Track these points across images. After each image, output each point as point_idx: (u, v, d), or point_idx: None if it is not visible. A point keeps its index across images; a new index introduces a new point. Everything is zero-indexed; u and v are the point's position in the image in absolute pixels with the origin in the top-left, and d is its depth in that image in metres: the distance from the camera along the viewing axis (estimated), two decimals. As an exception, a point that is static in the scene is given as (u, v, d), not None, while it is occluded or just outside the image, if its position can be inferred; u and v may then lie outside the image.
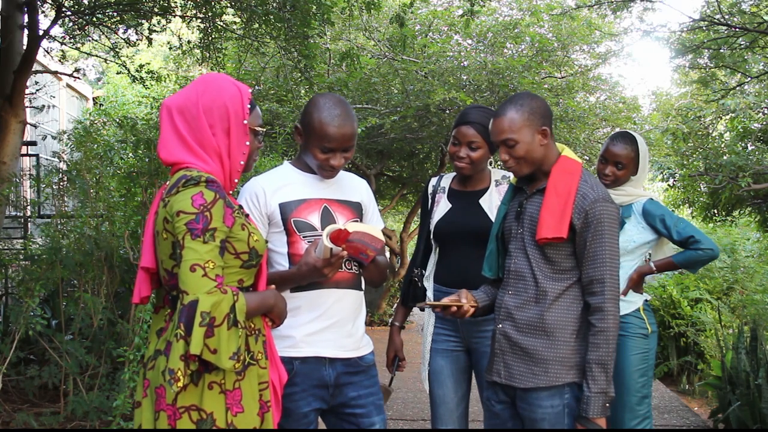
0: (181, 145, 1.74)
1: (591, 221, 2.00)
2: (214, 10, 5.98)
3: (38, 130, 10.12)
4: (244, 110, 1.77)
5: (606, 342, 1.96)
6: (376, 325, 10.31)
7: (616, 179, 2.84)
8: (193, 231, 1.60)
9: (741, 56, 7.02)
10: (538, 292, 2.07)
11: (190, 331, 1.55)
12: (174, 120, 1.74)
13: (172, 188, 1.67)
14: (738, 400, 3.82)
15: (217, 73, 1.87)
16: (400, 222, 15.18)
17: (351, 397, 2.17)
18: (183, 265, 1.59)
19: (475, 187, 2.64)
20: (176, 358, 1.57)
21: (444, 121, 8.04)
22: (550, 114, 2.13)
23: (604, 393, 1.95)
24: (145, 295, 1.80)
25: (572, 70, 9.36)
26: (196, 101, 1.73)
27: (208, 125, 1.73)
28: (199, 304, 1.56)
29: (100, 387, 3.95)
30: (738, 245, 6.79)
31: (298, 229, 2.13)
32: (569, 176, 2.07)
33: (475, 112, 2.56)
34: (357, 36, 8.70)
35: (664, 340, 5.92)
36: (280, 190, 2.16)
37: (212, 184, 1.66)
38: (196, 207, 1.62)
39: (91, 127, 5.08)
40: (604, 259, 1.99)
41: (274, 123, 7.92)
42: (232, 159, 1.77)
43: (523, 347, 2.07)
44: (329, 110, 2.11)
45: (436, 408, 2.66)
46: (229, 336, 1.58)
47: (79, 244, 4.25)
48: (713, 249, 2.77)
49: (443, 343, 2.66)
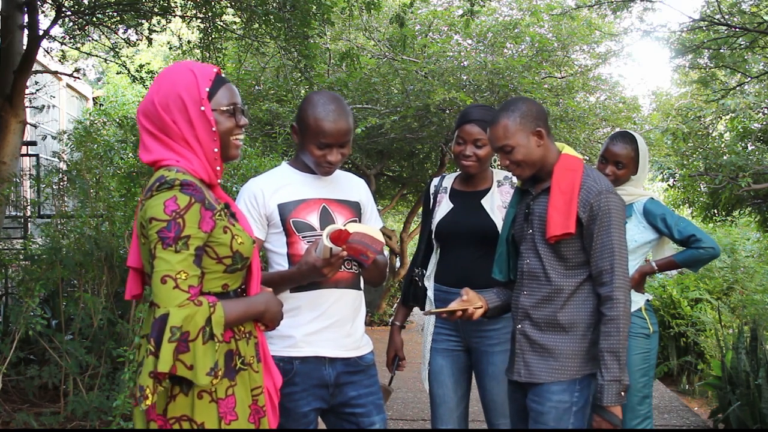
0: (155, 143, 1.67)
1: (597, 213, 2.04)
2: (214, 10, 5.98)
3: (38, 130, 10.12)
4: (200, 96, 1.66)
5: (617, 330, 1.98)
6: (376, 325, 10.31)
7: (617, 179, 2.85)
8: (164, 240, 1.52)
9: (741, 56, 7.02)
10: (552, 290, 2.10)
11: (159, 347, 1.48)
12: (143, 124, 1.69)
13: (149, 190, 1.60)
14: (738, 400, 3.82)
15: (177, 62, 1.80)
16: (400, 222, 15.18)
17: (351, 397, 2.17)
18: (154, 276, 1.52)
19: (477, 187, 2.64)
20: (145, 375, 1.50)
21: (444, 121, 8.04)
22: (543, 115, 2.15)
23: (618, 381, 1.98)
24: (135, 293, 1.77)
25: (572, 70, 9.36)
26: (153, 100, 1.67)
27: (171, 121, 1.65)
28: (169, 318, 1.49)
29: (100, 387, 3.95)
30: (738, 245, 6.79)
31: (297, 229, 2.13)
32: (571, 173, 2.09)
33: (477, 111, 2.58)
34: (357, 36, 8.71)
35: (665, 340, 5.92)
36: (278, 190, 2.16)
37: (187, 188, 1.57)
38: (168, 214, 1.53)
39: (91, 127, 5.08)
40: (612, 249, 2.02)
41: (274, 123, 7.92)
42: (204, 147, 1.67)
43: (542, 344, 2.11)
44: (323, 106, 2.11)
45: (436, 408, 2.66)
46: (205, 351, 1.51)
47: (79, 244, 4.25)
48: (714, 248, 2.77)
49: (443, 343, 2.66)
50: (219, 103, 1.69)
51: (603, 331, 2.01)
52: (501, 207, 2.56)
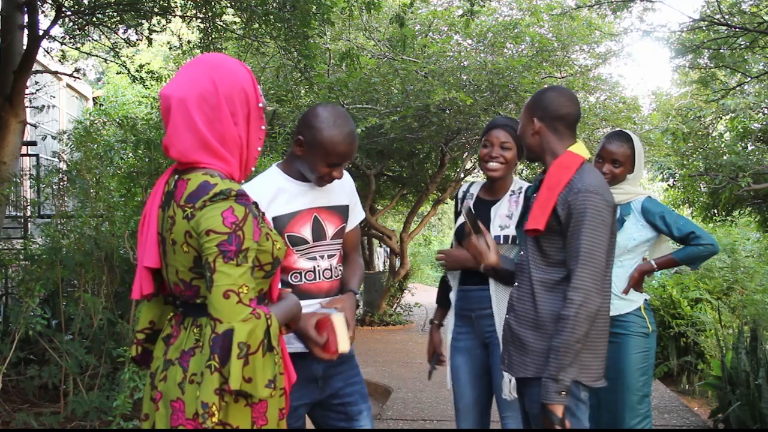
0: (198, 143, 1.57)
1: (572, 212, 2.02)
2: (214, 10, 5.99)
3: (38, 130, 10.12)
4: (257, 92, 1.65)
5: (564, 329, 1.95)
6: (376, 325, 10.31)
7: (614, 177, 2.86)
8: (225, 254, 1.47)
9: (741, 56, 7.03)
10: (531, 285, 2.11)
11: (225, 363, 1.44)
12: (190, 113, 1.56)
13: (195, 198, 1.52)
14: (738, 400, 3.82)
15: (218, 53, 1.72)
16: (400, 222, 15.18)
17: (339, 388, 2.25)
18: (215, 290, 1.46)
19: (496, 195, 2.72)
20: (210, 392, 1.45)
21: (444, 121, 8.05)
22: (544, 107, 2.15)
23: (554, 379, 1.95)
24: (147, 292, 1.67)
25: (572, 70, 9.37)
26: (215, 90, 1.57)
27: (230, 113, 1.58)
28: (235, 334, 1.44)
29: (100, 387, 3.95)
30: (738, 245, 6.79)
31: (291, 243, 2.17)
32: (564, 170, 2.09)
33: (502, 118, 2.73)
34: (357, 36, 8.71)
35: (664, 340, 5.93)
36: (272, 202, 2.17)
37: (242, 198, 1.52)
38: (228, 226, 1.47)
39: (91, 127, 5.08)
40: (578, 250, 1.99)
41: (274, 123, 7.92)
42: (250, 148, 1.64)
43: (520, 338, 2.12)
44: (339, 128, 2.09)
45: (456, 401, 2.76)
46: (265, 363, 1.49)
47: (79, 244, 4.25)
48: (713, 244, 2.78)
49: (461, 342, 2.75)
50: (264, 103, 1.69)
51: (555, 329, 2.00)
52: (503, 216, 2.64)
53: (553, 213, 2.06)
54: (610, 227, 2.03)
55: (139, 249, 1.68)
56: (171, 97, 1.57)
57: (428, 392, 5.44)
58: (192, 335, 1.58)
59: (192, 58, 7.12)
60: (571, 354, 1.95)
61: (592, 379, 2.04)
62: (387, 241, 11.09)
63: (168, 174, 1.68)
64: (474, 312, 2.67)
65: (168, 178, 1.67)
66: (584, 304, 1.95)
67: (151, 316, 1.77)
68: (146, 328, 1.77)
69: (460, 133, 8.82)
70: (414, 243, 15.15)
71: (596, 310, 1.97)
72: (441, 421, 4.73)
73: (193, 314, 1.61)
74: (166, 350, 1.62)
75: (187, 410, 1.53)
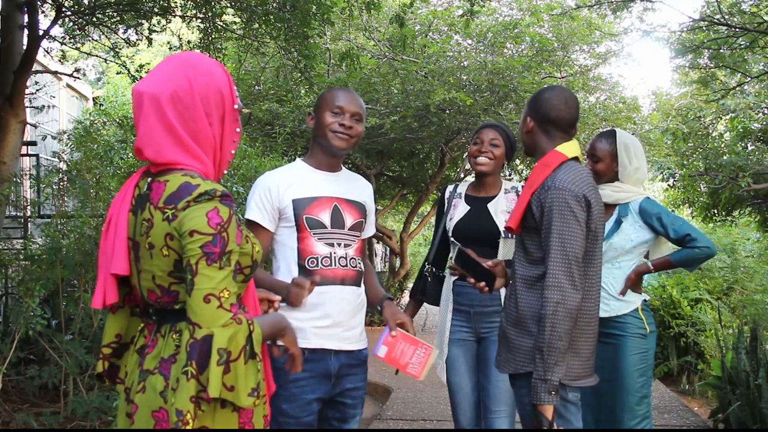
0: (173, 142, 1.52)
1: (544, 210, 2.02)
2: (214, 10, 5.98)
3: (38, 130, 10.11)
4: (233, 94, 1.60)
5: (544, 328, 1.94)
6: (376, 325, 10.31)
7: (596, 173, 2.88)
8: (209, 255, 1.41)
9: (741, 56, 7.02)
10: (516, 282, 2.13)
11: (203, 370, 1.38)
12: (164, 111, 1.50)
13: (177, 199, 1.46)
14: (738, 400, 3.82)
15: (194, 52, 1.70)
16: (400, 222, 15.19)
17: (347, 388, 2.30)
18: (195, 293, 1.40)
19: (488, 193, 2.87)
20: (185, 399, 1.39)
21: (444, 121, 8.04)
22: (537, 108, 2.16)
23: (543, 380, 1.94)
24: (111, 301, 1.55)
25: (572, 70, 9.37)
26: (191, 89, 1.52)
27: (205, 114, 1.54)
28: (214, 339, 1.38)
29: (100, 387, 3.95)
30: (738, 245, 6.80)
31: (309, 226, 2.24)
32: (543, 168, 2.09)
33: (492, 121, 2.89)
34: (357, 36, 8.71)
35: (664, 340, 5.93)
36: (292, 185, 2.27)
37: (226, 199, 1.47)
38: (213, 227, 1.42)
39: (91, 127, 5.08)
40: (549, 247, 1.98)
41: (274, 123, 7.92)
42: (224, 149, 1.60)
43: (505, 334, 2.14)
44: (338, 89, 2.36)
45: (453, 395, 2.84)
46: (247, 370, 1.43)
47: (79, 244, 4.25)
48: (710, 247, 2.77)
49: (458, 334, 2.84)
50: (239, 105, 1.64)
51: (537, 329, 1.99)
52: (505, 212, 2.77)
53: (529, 211, 2.06)
54: (585, 221, 2.00)
55: (103, 256, 1.58)
56: (144, 93, 1.52)
57: (428, 392, 5.44)
58: (171, 341, 1.52)
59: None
60: (554, 352, 1.94)
61: (571, 378, 2.02)
62: (387, 241, 11.09)
63: (137, 177, 1.60)
64: (473, 308, 2.78)
65: (138, 182, 1.59)
66: (561, 302, 1.94)
67: (117, 329, 1.69)
68: (112, 342, 1.68)
69: (460, 133, 8.83)
70: (414, 243, 15.16)
71: (576, 307, 1.95)
72: (441, 421, 4.74)
73: (170, 321, 1.55)
74: (142, 361, 1.55)
75: (171, 419, 1.46)
